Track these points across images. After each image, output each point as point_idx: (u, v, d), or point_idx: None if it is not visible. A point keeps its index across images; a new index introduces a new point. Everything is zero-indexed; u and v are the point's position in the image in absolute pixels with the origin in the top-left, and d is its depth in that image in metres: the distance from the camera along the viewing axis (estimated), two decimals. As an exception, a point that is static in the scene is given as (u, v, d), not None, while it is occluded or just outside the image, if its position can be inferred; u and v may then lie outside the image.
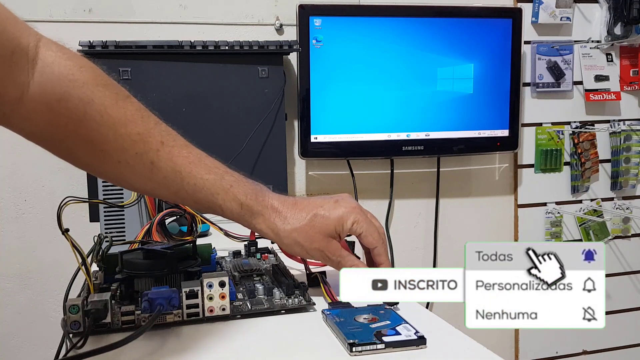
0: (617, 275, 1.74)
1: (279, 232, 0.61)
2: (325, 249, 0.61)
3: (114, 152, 0.54)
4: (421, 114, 1.46)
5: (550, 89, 1.61)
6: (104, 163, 0.55)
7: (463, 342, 0.54)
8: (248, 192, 0.60)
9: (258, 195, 0.61)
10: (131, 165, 0.55)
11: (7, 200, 1.34)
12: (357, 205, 0.64)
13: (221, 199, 0.59)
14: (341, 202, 0.63)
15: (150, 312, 0.55)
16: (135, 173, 0.55)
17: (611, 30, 1.61)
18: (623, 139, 1.68)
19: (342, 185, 1.51)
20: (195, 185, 0.58)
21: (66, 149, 0.54)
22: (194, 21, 1.39)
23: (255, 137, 1.30)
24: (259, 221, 0.61)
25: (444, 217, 1.60)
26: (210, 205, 0.60)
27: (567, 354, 1.72)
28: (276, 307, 0.61)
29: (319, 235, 0.61)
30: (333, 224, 0.61)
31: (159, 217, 0.74)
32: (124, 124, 0.53)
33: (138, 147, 0.54)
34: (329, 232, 0.61)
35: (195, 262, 0.63)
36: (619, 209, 1.70)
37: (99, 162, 0.55)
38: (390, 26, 1.42)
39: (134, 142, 0.54)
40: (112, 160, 0.54)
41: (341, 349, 0.52)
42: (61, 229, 0.64)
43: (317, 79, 1.40)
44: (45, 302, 1.37)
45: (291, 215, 0.62)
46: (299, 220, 0.61)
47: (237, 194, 0.60)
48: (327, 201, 0.63)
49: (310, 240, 0.61)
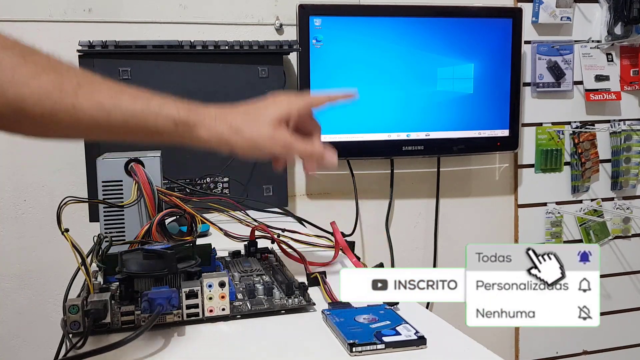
0: (617, 275, 1.74)
1: (223, 135, 0.60)
2: (275, 134, 0.62)
3: (34, 106, 0.51)
4: (421, 114, 1.46)
5: (551, 88, 1.61)
6: (29, 124, 0.53)
7: (463, 342, 0.54)
8: (180, 107, 0.59)
9: (191, 107, 0.60)
10: (55, 115, 0.53)
11: (7, 200, 1.34)
12: (294, 95, 0.67)
13: (153, 122, 0.57)
14: (278, 95, 0.65)
15: (150, 312, 0.55)
16: (60, 122, 0.53)
17: (611, 30, 1.61)
18: (623, 138, 1.68)
19: (342, 185, 1.51)
20: (123, 117, 0.56)
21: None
22: (194, 21, 1.39)
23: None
24: (200, 132, 0.59)
25: (444, 217, 1.60)
26: (146, 133, 0.58)
27: (567, 354, 1.72)
28: (276, 307, 0.61)
29: (266, 125, 0.61)
30: (278, 110, 0.63)
31: (159, 217, 0.74)
32: (36, 76, 0.51)
33: (55, 95, 0.52)
34: (275, 119, 0.62)
35: (195, 262, 0.63)
36: (619, 209, 1.70)
37: (24, 125, 0.53)
38: (390, 26, 1.42)
39: (49, 92, 0.52)
40: (35, 115, 0.52)
41: (341, 349, 0.52)
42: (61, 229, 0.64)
43: (317, 79, 1.40)
44: (45, 302, 1.37)
45: (232, 117, 0.61)
46: (243, 118, 0.61)
47: (169, 112, 0.58)
48: (264, 98, 0.65)
49: (259, 133, 0.61)
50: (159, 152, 0.88)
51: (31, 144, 1.32)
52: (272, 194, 1.31)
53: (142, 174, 0.77)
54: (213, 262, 0.70)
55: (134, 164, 0.78)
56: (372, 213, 1.55)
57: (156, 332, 0.56)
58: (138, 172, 0.77)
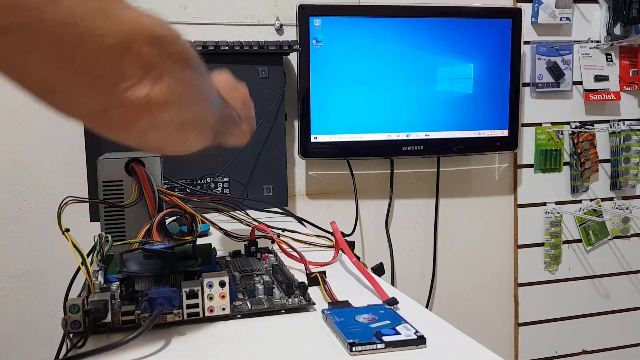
0: (617, 275, 1.74)
1: None
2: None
3: None
4: (421, 114, 1.46)
5: (550, 89, 1.61)
6: None
7: (463, 341, 0.54)
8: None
9: None
10: None
11: (7, 200, 1.34)
12: None
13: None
14: None
15: (151, 312, 0.55)
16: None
17: (611, 31, 1.61)
18: (622, 139, 1.68)
19: (342, 185, 1.51)
20: None
21: None
22: (194, 21, 1.39)
23: (255, 137, 1.29)
24: None
25: (444, 217, 1.61)
26: None
27: (567, 353, 1.72)
28: (276, 306, 0.61)
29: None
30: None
31: (159, 217, 0.74)
32: None
33: None
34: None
35: (195, 262, 0.63)
36: (619, 209, 1.70)
37: None
38: (390, 26, 1.42)
39: None
40: None
41: (341, 348, 0.52)
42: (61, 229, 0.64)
43: (317, 79, 1.40)
44: (46, 302, 1.37)
45: None
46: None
47: None
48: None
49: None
50: (159, 152, 0.88)
51: (31, 144, 1.32)
52: (272, 194, 1.32)
53: (142, 174, 0.77)
54: (213, 261, 0.70)
55: (134, 164, 0.78)
56: (372, 213, 1.56)
57: (156, 331, 0.56)
58: (138, 172, 0.77)
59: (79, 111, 0.42)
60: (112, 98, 0.41)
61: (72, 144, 1.31)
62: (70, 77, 0.39)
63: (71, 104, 0.42)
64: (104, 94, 0.41)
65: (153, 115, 0.43)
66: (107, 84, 0.40)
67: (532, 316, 1.69)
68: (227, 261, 0.79)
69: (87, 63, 0.39)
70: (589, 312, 1.73)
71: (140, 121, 0.43)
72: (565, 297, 1.70)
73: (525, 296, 1.68)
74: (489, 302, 1.67)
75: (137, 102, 0.42)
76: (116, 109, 0.41)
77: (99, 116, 0.42)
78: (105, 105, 0.41)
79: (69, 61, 0.38)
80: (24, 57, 0.37)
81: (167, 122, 0.45)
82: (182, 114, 0.47)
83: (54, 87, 0.40)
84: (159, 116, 0.44)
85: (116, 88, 0.41)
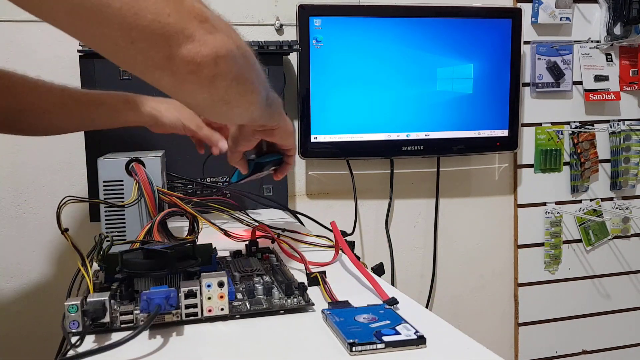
0: (617, 275, 1.74)
1: None
2: None
3: None
4: (421, 114, 1.46)
5: (550, 89, 1.61)
6: None
7: (463, 341, 0.54)
8: None
9: None
10: None
11: (7, 200, 1.34)
12: None
13: None
14: None
15: (149, 311, 0.55)
16: None
17: (611, 30, 1.61)
18: (622, 139, 1.68)
19: (342, 185, 1.51)
20: None
21: None
22: (193, 21, 1.39)
23: (255, 137, 1.30)
24: None
25: (444, 217, 1.61)
26: None
27: (567, 353, 1.72)
28: (275, 307, 0.61)
29: None
30: None
31: (160, 217, 0.74)
32: None
33: None
34: None
35: (196, 262, 0.63)
36: (619, 209, 1.70)
37: None
38: (390, 26, 1.42)
39: None
40: None
41: (341, 348, 0.52)
42: (60, 229, 0.64)
43: (317, 79, 1.40)
44: (46, 302, 1.37)
45: None
46: None
47: None
48: None
49: None
50: (160, 152, 0.88)
51: (31, 144, 1.32)
52: (272, 194, 1.32)
53: (142, 173, 0.77)
54: (214, 262, 0.70)
55: (134, 164, 0.78)
56: (372, 213, 1.56)
57: (155, 331, 0.56)
58: (139, 172, 0.77)
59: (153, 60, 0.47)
60: (176, 41, 0.47)
61: (72, 144, 1.31)
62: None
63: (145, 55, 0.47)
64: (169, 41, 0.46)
65: (214, 60, 0.49)
66: (170, 32, 0.46)
67: (532, 316, 1.69)
68: (228, 261, 0.79)
69: None
70: (589, 312, 1.73)
71: (205, 66, 0.48)
72: (565, 297, 1.70)
73: (525, 296, 1.68)
74: (489, 302, 1.67)
75: (197, 44, 0.47)
76: (181, 47, 0.47)
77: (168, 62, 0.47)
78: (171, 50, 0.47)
79: None
80: None
81: (226, 71, 0.51)
82: (238, 67, 0.52)
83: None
84: (219, 63, 0.49)
85: (179, 35, 0.46)
